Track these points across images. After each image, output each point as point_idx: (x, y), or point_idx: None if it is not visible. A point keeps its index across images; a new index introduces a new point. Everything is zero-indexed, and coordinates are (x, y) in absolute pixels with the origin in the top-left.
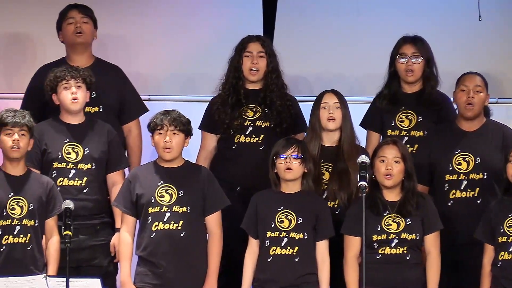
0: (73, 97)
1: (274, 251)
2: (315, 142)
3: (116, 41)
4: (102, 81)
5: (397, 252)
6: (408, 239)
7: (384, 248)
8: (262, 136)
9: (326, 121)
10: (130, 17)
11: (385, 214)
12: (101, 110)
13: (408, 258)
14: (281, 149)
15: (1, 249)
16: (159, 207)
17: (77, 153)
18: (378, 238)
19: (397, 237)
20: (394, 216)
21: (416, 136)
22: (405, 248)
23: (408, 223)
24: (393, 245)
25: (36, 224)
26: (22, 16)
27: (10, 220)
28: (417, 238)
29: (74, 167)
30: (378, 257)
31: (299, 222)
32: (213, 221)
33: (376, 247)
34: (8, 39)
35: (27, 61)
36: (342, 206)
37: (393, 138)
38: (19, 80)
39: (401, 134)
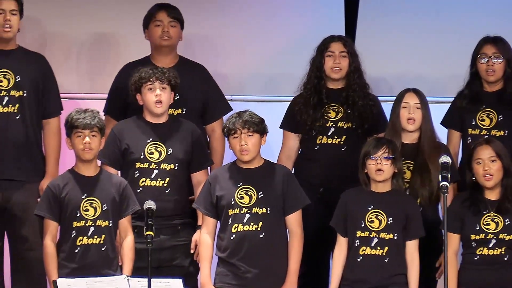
0: (157, 99)
1: (364, 251)
2: (395, 140)
3: (198, 41)
4: (185, 81)
5: (495, 253)
6: (506, 239)
7: (482, 248)
8: (344, 137)
9: (406, 122)
10: (213, 17)
11: (484, 212)
12: (184, 112)
13: (506, 258)
14: (371, 150)
15: (76, 251)
16: (238, 208)
17: (160, 153)
18: (476, 238)
19: (495, 237)
20: (494, 215)
21: (497, 135)
22: (503, 248)
23: (506, 223)
24: (491, 245)
25: (110, 225)
26: (106, 16)
27: (84, 221)
28: None
29: (157, 167)
30: (476, 258)
31: (389, 223)
32: (294, 220)
33: (474, 246)
34: (92, 40)
35: (110, 61)
36: (424, 203)
37: (486, 138)
38: (103, 80)
39: (482, 133)
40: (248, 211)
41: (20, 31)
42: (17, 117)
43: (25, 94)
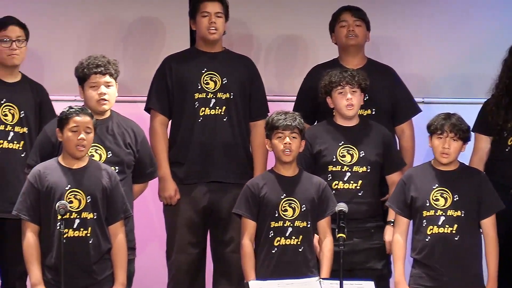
0: (348, 103)
1: None
2: None
3: (389, 43)
4: (374, 83)
5: None
6: None
7: None
8: None
9: None
10: (404, 18)
11: None
12: (373, 112)
13: None
14: None
15: (273, 251)
16: (433, 210)
17: (352, 156)
18: None
19: None
20: None
21: None
22: None
23: None
24: None
25: (309, 225)
26: (294, 18)
27: (282, 221)
28: None
29: (349, 170)
30: None
31: None
32: (489, 224)
33: None
34: (280, 41)
35: (298, 63)
36: None
37: None
38: (291, 82)
39: None
40: (443, 214)
41: (226, 33)
42: (224, 119)
43: (231, 96)
